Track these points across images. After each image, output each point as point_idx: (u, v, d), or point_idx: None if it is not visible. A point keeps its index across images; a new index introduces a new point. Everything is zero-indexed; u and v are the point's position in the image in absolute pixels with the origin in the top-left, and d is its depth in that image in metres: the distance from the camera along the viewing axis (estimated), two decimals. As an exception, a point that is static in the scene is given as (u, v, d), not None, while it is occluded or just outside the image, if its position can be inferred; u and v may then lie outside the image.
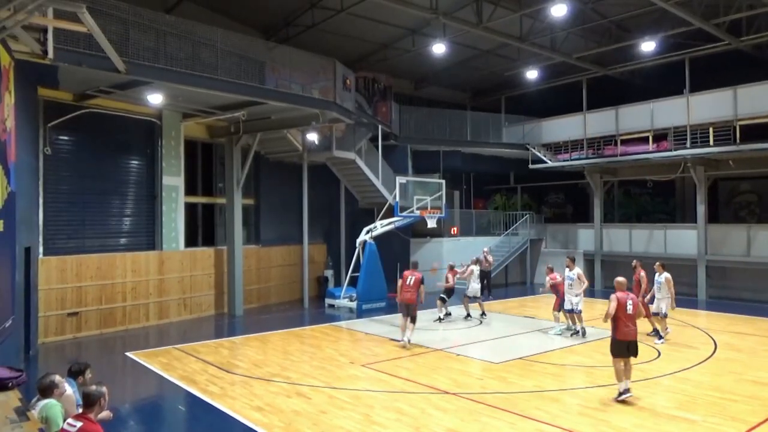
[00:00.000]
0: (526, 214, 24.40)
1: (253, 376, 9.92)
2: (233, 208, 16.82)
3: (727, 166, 19.68)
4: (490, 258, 20.10)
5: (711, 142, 18.41)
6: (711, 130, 18.41)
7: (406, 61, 22.03)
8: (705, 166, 19.51)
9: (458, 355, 11.54)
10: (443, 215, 18.79)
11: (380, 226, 17.87)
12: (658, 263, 12.79)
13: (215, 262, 16.97)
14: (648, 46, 18.84)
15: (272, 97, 14.29)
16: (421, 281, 12.19)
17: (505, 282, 23.62)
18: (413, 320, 12.02)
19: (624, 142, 20.85)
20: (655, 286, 12.52)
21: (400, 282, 12.47)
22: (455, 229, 22.89)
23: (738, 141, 17.75)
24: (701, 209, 19.52)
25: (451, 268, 16.02)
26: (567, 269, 13.36)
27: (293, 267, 19.45)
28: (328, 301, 18.18)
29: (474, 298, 15.69)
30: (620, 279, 8.77)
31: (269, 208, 19.11)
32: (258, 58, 14.48)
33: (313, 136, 17.55)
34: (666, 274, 12.43)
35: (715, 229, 19.62)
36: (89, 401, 4.92)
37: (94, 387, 5.06)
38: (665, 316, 12.52)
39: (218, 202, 17.65)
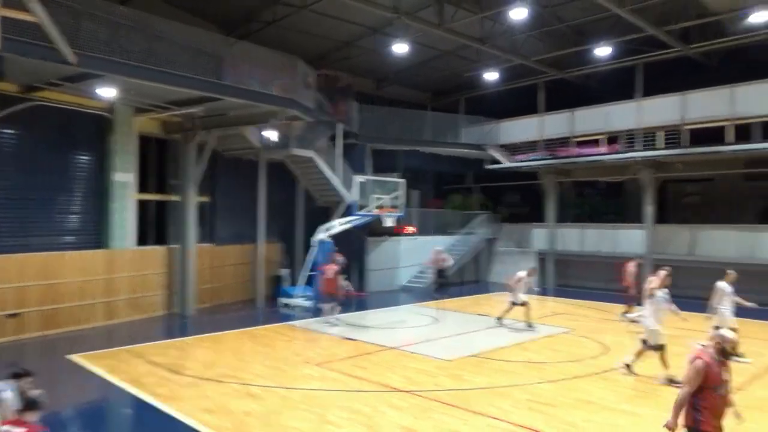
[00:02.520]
0: (482, 214, 24.72)
1: (204, 378, 9.70)
2: (187, 206, 16.44)
3: (674, 169, 20.40)
4: (443, 256, 20.31)
5: (660, 145, 19.04)
6: (660, 133, 19.05)
7: (367, 60, 22.01)
8: (654, 168, 20.14)
9: (413, 353, 11.58)
10: (401, 214, 18.85)
11: (338, 225, 17.79)
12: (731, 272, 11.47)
13: (167, 261, 16.55)
14: (603, 51, 19.32)
15: (230, 93, 13.99)
16: (339, 272, 14.53)
17: (460, 280, 23.85)
18: (336, 305, 14.48)
19: (578, 144, 21.36)
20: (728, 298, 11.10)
21: (322, 277, 14.76)
22: (411, 228, 22.99)
23: (685, 144, 18.42)
24: (649, 210, 20.16)
25: (336, 255, 17.13)
26: (657, 289, 10.19)
27: (248, 266, 19.15)
28: (283, 300, 17.98)
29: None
30: (728, 335, 5.05)
31: (225, 206, 18.77)
32: (216, 53, 14.21)
33: (271, 134, 17.32)
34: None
35: (661, 229, 20.30)
36: (28, 407, 4.76)
37: (35, 392, 4.89)
38: None
39: (172, 199, 17.22)
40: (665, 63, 19.81)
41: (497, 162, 23.45)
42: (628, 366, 9.89)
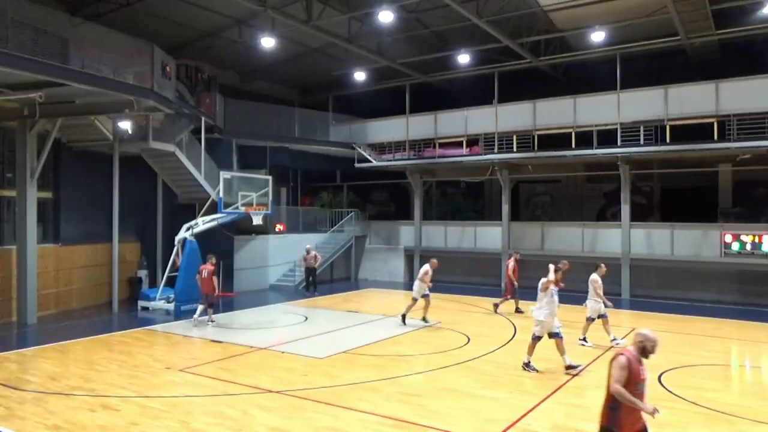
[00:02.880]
0: (351, 212, 25.01)
1: (49, 392, 8.74)
2: (25, 203, 14.67)
3: (526, 171, 22.18)
4: (314, 254, 20.26)
5: (514, 149, 20.59)
6: (515, 137, 20.59)
7: (232, 52, 21.23)
8: (509, 170, 21.72)
9: (283, 352, 11.39)
10: (269, 212, 18.46)
11: (202, 223, 16.97)
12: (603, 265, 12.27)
13: (1, 264, 14.71)
14: (463, 58, 20.49)
15: (76, 78, 12.69)
16: (214, 273, 14.35)
17: (330, 278, 23.97)
18: (211, 306, 14.42)
19: (442, 146, 22.42)
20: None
21: (198, 276, 14.53)
22: (281, 226, 22.66)
23: (535, 148, 20.09)
24: (505, 208, 21.71)
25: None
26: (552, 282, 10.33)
27: (101, 267, 17.62)
28: (141, 303, 16.78)
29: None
30: (650, 334, 4.94)
31: (72, 202, 17.09)
32: (60, 33, 12.82)
33: (126, 125, 16.06)
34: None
35: (516, 226, 21.95)
36: None
37: None
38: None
39: (6, 195, 15.34)
40: (518, 72, 21.45)
41: (366, 160, 23.85)
42: (527, 365, 9.97)
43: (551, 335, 9.92)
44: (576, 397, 8.49)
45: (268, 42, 18.61)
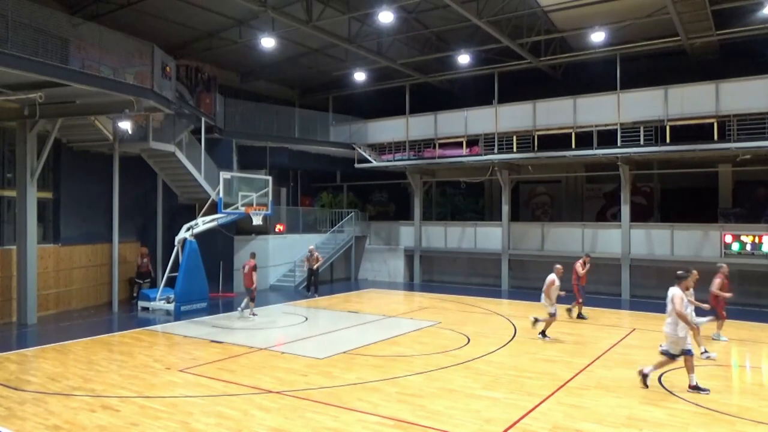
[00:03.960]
0: (351, 212, 25.02)
1: (49, 392, 8.75)
2: (25, 203, 14.68)
3: (526, 171, 22.18)
4: (316, 254, 20.24)
5: (514, 149, 20.59)
6: (515, 138, 20.59)
7: (232, 53, 21.23)
8: (509, 170, 21.73)
9: (283, 353, 11.40)
10: (269, 212, 18.46)
11: (202, 223, 16.98)
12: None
13: (1, 264, 14.71)
14: (463, 58, 20.49)
15: (76, 79, 12.69)
16: (254, 268, 15.43)
17: (330, 278, 23.98)
18: (252, 300, 15.37)
19: (441, 146, 22.42)
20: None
21: (241, 271, 15.82)
22: (281, 226, 22.67)
23: (536, 149, 20.09)
24: (505, 209, 21.71)
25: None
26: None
27: (101, 267, 17.64)
28: (141, 303, 16.79)
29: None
30: None
31: (72, 202, 17.10)
32: (60, 34, 12.82)
33: (126, 125, 16.07)
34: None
35: (516, 226, 21.95)
36: None
37: None
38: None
39: (6, 195, 15.33)
40: (518, 73, 21.46)
41: (366, 161, 23.86)
42: (645, 376, 8.98)
43: (683, 352, 8.85)
44: (576, 398, 8.48)
45: (268, 42, 18.63)
